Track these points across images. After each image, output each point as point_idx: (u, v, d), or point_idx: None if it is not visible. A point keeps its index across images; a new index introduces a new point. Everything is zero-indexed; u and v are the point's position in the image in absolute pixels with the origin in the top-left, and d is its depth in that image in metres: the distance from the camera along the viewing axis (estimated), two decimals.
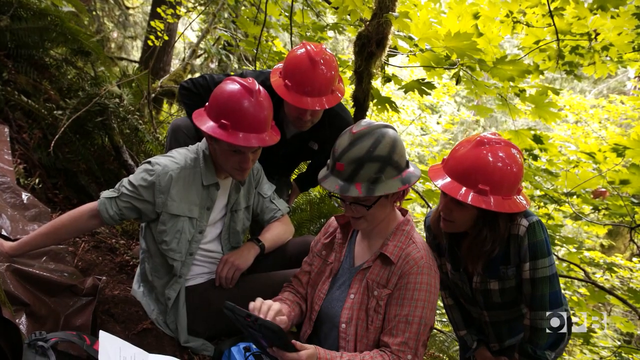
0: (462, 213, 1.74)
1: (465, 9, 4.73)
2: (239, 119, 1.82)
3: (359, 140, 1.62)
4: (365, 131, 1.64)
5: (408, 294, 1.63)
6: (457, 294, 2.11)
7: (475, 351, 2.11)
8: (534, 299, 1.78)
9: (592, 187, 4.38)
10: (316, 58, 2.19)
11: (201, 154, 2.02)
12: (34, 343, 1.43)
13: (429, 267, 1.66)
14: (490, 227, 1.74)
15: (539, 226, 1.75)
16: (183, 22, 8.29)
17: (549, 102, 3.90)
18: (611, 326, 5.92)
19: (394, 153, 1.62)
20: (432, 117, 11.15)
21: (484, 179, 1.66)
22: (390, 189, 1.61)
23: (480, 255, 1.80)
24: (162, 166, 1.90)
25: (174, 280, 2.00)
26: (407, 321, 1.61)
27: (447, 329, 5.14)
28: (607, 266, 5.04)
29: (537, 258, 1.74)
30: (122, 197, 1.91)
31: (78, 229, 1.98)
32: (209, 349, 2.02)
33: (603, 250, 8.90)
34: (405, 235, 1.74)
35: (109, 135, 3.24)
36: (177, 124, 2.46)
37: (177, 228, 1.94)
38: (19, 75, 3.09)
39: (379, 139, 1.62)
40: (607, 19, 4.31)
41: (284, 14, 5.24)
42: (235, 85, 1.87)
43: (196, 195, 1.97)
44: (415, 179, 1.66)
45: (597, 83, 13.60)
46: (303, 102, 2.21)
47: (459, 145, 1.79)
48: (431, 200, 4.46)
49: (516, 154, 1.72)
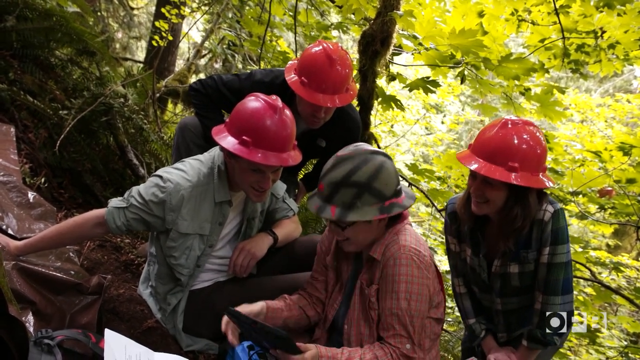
0: (495, 192, 1.81)
1: (470, 7, 4.71)
2: (261, 137, 1.75)
3: (340, 163, 1.64)
4: (348, 156, 1.65)
5: (388, 286, 1.66)
6: (471, 281, 2.14)
7: (482, 340, 2.14)
8: (548, 283, 1.86)
9: (598, 186, 4.35)
10: (333, 56, 2.20)
11: (216, 169, 1.93)
12: (40, 341, 1.43)
13: (409, 257, 1.65)
14: (521, 204, 1.81)
15: (562, 214, 1.85)
16: (187, 22, 8.31)
17: (554, 100, 3.87)
18: (617, 326, 5.88)
19: (374, 180, 1.62)
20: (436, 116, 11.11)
21: (513, 156, 1.74)
22: (364, 217, 1.61)
23: (512, 232, 1.86)
24: (174, 184, 1.83)
25: (178, 289, 1.98)
26: (393, 313, 1.63)
27: (452, 328, 5.13)
28: (614, 265, 5.00)
29: (557, 244, 1.83)
30: (130, 209, 1.85)
31: (82, 235, 1.96)
32: (214, 348, 2.01)
33: (609, 250, 8.85)
34: (390, 233, 1.75)
35: (113, 135, 3.25)
36: (185, 122, 2.46)
37: (187, 245, 1.90)
38: (25, 75, 3.10)
39: (360, 165, 1.62)
40: (614, 17, 4.28)
41: (288, 13, 5.23)
42: (259, 102, 1.81)
43: (208, 211, 1.91)
44: (399, 209, 1.66)
45: (603, 82, 13.52)
46: (319, 100, 2.20)
47: (484, 130, 1.88)
48: (436, 200, 4.44)
49: (538, 133, 1.81)
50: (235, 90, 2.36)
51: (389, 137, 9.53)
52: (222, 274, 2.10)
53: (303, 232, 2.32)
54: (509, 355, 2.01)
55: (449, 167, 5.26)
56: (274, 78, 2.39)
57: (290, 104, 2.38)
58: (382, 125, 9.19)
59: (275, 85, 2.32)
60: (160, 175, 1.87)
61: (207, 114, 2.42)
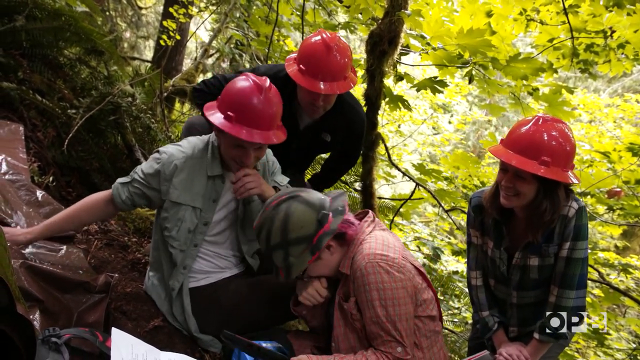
0: (526, 185, 1.85)
1: (478, 7, 4.69)
2: (245, 114, 1.84)
3: (258, 236, 1.73)
4: (259, 225, 1.73)
5: (362, 297, 1.67)
6: (489, 273, 2.18)
7: (494, 333, 2.16)
8: (565, 276, 1.92)
9: (606, 186, 4.32)
10: (331, 44, 2.23)
11: (210, 145, 2.03)
12: (47, 339, 1.44)
13: (374, 265, 1.64)
14: (551, 199, 1.85)
15: (585, 211, 1.91)
16: (195, 21, 8.32)
17: (562, 100, 3.85)
18: (626, 328, 5.83)
19: (287, 233, 1.66)
20: (444, 116, 11.07)
21: (546, 151, 1.79)
22: (302, 266, 1.67)
23: (541, 225, 1.90)
24: (168, 155, 1.95)
25: (177, 271, 2.01)
26: (374, 322, 1.64)
27: (458, 329, 5.11)
28: (622, 267, 4.96)
29: (578, 239, 1.89)
30: (133, 183, 1.96)
31: (97, 214, 2.03)
32: (217, 346, 2.04)
33: (618, 251, 8.77)
34: (355, 245, 1.76)
35: (121, 134, 3.27)
36: (192, 121, 2.48)
37: (178, 216, 1.96)
38: (34, 74, 3.12)
39: (269, 228, 1.68)
40: (623, 16, 4.24)
41: (296, 13, 5.24)
42: (247, 81, 1.89)
43: (200, 185, 1.98)
44: (328, 236, 1.67)
45: (611, 82, 13.40)
46: (316, 87, 2.23)
47: (518, 125, 1.93)
48: (443, 200, 4.42)
49: (568, 132, 1.87)
50: None
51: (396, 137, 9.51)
52: (224, 269, 2.13)
53: None
54: (520, 349, 2.02)
55: (456, 167, 5.24)
56: (277, 72, 2.42)
57: (293, 97, 2.40)
58: (389, 125, 9.17)
59: (278, 78, 2.33)
60: (159, 149, 2.01)
61: None
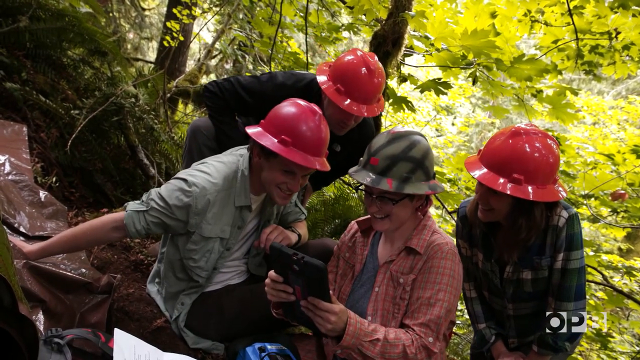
0: (499, 202, 1.79)
1: (482, 8, 4.67)
2: (301, 139, 1.77)
3: (396, 140, 1.69)
4: (403, 133, 1.72)
5: (432, 277, 1.67)
6: (483, 286, 2.12)
7: (492, 345, 2.11)
8: (562, 289, 1.84)
9: (610, 189, 4.30)
10: (371, 67, 2.19)
11: (239, 173, 1.92)
12: (49, 340, 1.43)
13: (453, 254, 1.71)
14: (526, 216, 1.77)
15: (577, 219, 1.83)
16: (198, 22, 8.33)
17: (566, 102, 3.84)
18: (629, 331, 5.81)
19: (426, 159, 1.69)
20: (447, 118, 11.07)
21: (519, 168, 1.70)
22: (418, 190, 1.66)
23: (516, 243, 1.85)
24: (200, 188, 1.80)
25: (193, 290, 1.99)
26: (429, 303, 1.64)
27: (461, 331, 5.09)
28: (626, 270, 4.94)
29: (571, 249, 1.81)
30: (151, 212, 1.81)
31: (98, 240, 1.95)
32: (219, 349, 2.02)
33: (621, 254, 8.74)
34: (428, 229, 1.79)
35: (124, 135, 3.27)
36: (197, 124, 2.43)
37: (208, 248, 1.91)
38: (38, 75, 3.13)
39: (415, 142, 1.69)
40: (629, 18, 4.22)
41: (299, 14, 5.23)
42: (300, 105, 1.83)
43: (229, 216, 1.92)
44: (440, 189, 1.72)
45: (615, 84, 13.36)
46: (356, 110, 2.18)
47: (495, 137, 1.84)
48: (446, 202, 4.41)
49: (552, 144, 1.75)
50: (255, 93, 2.31)
51: None
52: (233, 277, 2.11)
53: (312, 234, 2.32)
54: None
55: (460, 169, 5.23)
56: (296, 81, 2.35)
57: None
58: (392, 126, 9.16)
59: (298, 88, 2.29)
60: (185, 178, 1.83)
61: (223, 119, 2.37)
